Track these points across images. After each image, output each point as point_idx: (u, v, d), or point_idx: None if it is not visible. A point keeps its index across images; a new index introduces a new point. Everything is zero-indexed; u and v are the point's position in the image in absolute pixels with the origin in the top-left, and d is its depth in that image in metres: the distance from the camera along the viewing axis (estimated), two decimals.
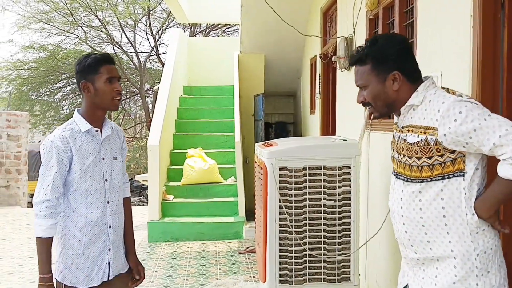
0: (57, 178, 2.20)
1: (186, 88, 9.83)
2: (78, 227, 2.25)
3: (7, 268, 5.59)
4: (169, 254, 6.05)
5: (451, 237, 1.70)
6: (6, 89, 18.00)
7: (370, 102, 1.85)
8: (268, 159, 3.10)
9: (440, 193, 1.70)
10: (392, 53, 1.78)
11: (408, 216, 1.78)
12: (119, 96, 2.31)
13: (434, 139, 1.68)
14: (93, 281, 2.29)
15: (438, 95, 1.73)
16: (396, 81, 1.79)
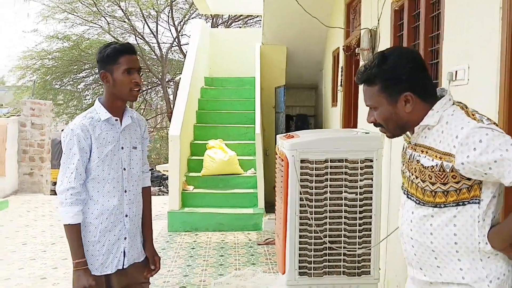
0: (79, 165, 2.22)
1: (208, 79, 9.85)
2: (95, 214, 2.27)
3: (30, 254, 5.71)
4: (189, 244, 6.09)
5: (462, 264, 1.63)
6: (31, 78, 18.29)
7: (381, 123, 1.74)
8: (290, 151, 3.08)
9: (453, 219, 1.62)
10: (404, 73, 1.65)
11: (418, 239, 1.70)
12: (137, 88, 2.29)
13: (450, 166, 1.58)
14: (108, 268, 2.30)
15: (456, 117, 1.61)
16: (408, 103, 1.66)
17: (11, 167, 9.74)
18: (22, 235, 6.62)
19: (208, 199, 7.13)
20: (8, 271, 5.06)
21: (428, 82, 1.70)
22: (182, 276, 4.90)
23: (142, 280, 2.44)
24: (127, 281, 2.36)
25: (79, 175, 2.23)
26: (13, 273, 5.02)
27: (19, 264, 5.30)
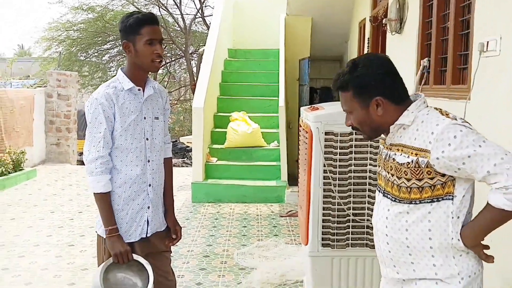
0: (107, 134, 2.24)
1: (231, 51, 9.78)
2: (118, 183, 2.29)
3: (58, 222, 5.86)
4: (212, 215, 6.16)
5: (435, 260, 1.67)
6: (56, 49, 18.46)
7: (357, 126, 1.80)
8: (314, 123, 3.05)
9: (428, 215, 1.66)
10: (372, 79, 1.70)
11: (393, 236, 1.73)
12: (158, 59, 2.28)
13: (425, 162, 1.63)
14: (131, 236, 2.34)
15: (431, 116, 1.67)
16: (379, 106, 1.71)
17: (38, 137, 9.94)
18: (50, 203, 6.80)
19: (231, 171, 7.17)
20: (37, 238, 5.21)
21: (399, 87, 1.75)
22: (206, 245, 4.98)
23: (164, 249, 2.47)
24: (149, 249, 2.40)
25: (107, 143, 2.25)
26: (42, 239, 5.17)
27: (48, 232, 5.45)
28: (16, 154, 8.24)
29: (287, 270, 4.21)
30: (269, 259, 4.55)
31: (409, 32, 4.54)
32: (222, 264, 4.47)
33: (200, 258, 4.60)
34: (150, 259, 2.39)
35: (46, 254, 4.71)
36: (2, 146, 8.29)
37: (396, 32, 4.84)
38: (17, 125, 8.93)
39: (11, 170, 7.92)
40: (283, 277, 4.11)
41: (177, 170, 10.08)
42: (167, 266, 2.49)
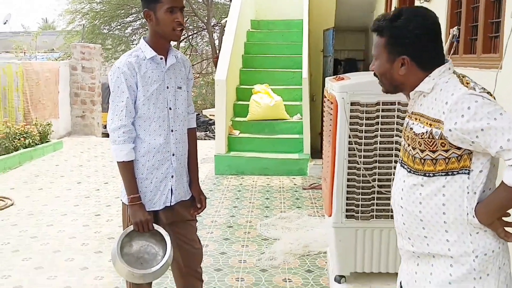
0: (129, 102, 2.24)
1: (254, 22, 9.66)
2: (141, 152, 2.30)
3: (84, 192, 5.98)
4: (235, 187, 6.20)
5: (449, 236, 1.61)
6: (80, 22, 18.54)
7: (377, 75, 1.74)
8: (340, 93, 3.00)
9: (442, 189, 1.59)
10: (408, 36, 1.62)
11: (407, 208, 1.68)
12: (179, 27, 2.25)
13: (439, 133, 1.55)
14: (155, 205, 2.36)
15: (449, 84, 1.58)
16: (403, 66, 1.64)
17: (64, 109, 10.09)
18: (76, 174, 6.93)
19: (254, 143, 7.17)
20: (65, 207, 5.33)
21: (434, 52, 1.65)
22: (229, 216, 5.02)
23: (189, 218, 2.49)
24: (174, 218, 2.42)
25: (129, 112, 2.25)
26: (69, 209, 5.29)
27: (75, 201, 5.57)
28: (43, 126, 8.39)
29: (310, 241, 4.22)
30: (292, 231, 4.58)
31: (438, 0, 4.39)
32: (245, 234, 4.51)
33: (224, 229, 4.65)
34: (176, 228, 2.42)
35: (74, 223, 4.82)
36: (28, 118, 8.45)
37: (425, 1, 4.69)
38: (43, 98, 9.06)
39: (38, 142, 8.08)
40: (306, 248, 4.12)
41: (199, 143, 10.10)
42: (193, 234, 2.51)
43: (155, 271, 2.25)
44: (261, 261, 3.90)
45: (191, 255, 2.47)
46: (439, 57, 1.67)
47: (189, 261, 2.48)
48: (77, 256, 4.00)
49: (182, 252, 2.44)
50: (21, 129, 7.74)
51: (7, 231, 4.57)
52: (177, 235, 2.43)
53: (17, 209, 5.26)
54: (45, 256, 4.00)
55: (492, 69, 3.06)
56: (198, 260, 2.53)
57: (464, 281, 1.59)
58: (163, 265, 2.26)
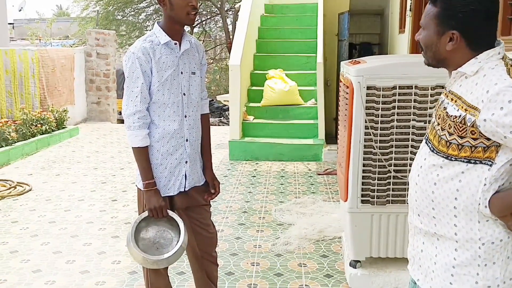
0: (144, 88, 2.24)
1: (268, 6, 9.58)
2: (156, 138, 2.30)
3: (101, 178, 6.03)
4: (250, 172, 6.21)
5: (457, 221, 1.59)
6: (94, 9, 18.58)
7: (422, 45, 1.66)
8: (355, 77, 2.96)
9: (460, 175, 1.56)
10: (462, 11, 1.53)
11: (421, 186, 1.66)
12: (194, 11, 2.24)
13: (472, 120, 1.49)
14: (170, 190, 2.37)
15: (495, 72, 1.49)
16: (452, 41, 1.55)
17: (79, 96, 10.16)
18: (92, 160, 7.00)
19: (268, 129, 7.16)
20: (82, 193, 5.39)
21: (487, 33, 1.56)
22: (244, 202, 5.03)
23: (203, 203, 2.50)
24: (189, 202, 2.43)
25: (144, 98, 2.25)
26: (86, 194, 5.35)
27: (91, 187, 5.63)
28: (59, 113, 8.46)
29: (325, 227, 4.22)
30: (307, 216, 4.57)
31: None
32: (260, 219, 4.53)
33: (239, 214, 4.67)
34: (191, 212, 2.44)
35: (91, 209, 4.88)
36: (45, 105, 8.52)
37: None
38: (58, 84, 9.13)
39: (55, 128, 8.16)
40: (321, 233, 4.12)
41: (214, 129, 10.12)
42: (208, 219, 2.52)
43: (168, 257, 2.26)
44: (276, 246, 3.92)
45: (206, 239, 2.49)
46: (491, 38, 1.58)
47: (204, 245, 2.50)
48: (95, 241, 4.06)
49: (197, 236, 2.46)
50: (37, 116, 7.82)
51: (26, 216, 4.65)
52: (192, 219, 2.44)
53: (35, 194, 5.34)
54: (64, 241, 4.06)
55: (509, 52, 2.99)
56: (213, 244, 2.55)
57: (467, 266, 1.59)
58: (177, 251, 2.27)
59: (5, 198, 5.17)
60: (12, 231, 4.28)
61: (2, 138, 6.83)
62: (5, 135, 6.86)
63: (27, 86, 8.25)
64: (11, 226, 4.40)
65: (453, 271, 1.61)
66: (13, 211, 4.81)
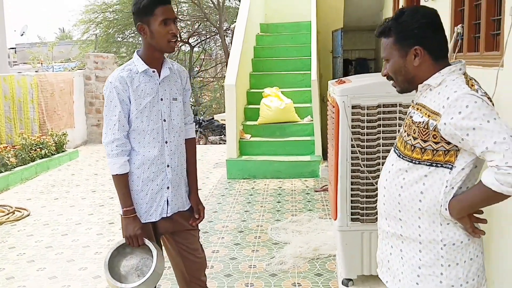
0: (122, 116, 2.27)
1: (263, 26, 9.69)
2: (136, 164, 2.33)
3: (99, 200, 6.06)
4: (247, 191, 6.22)
5: (421, 222, 1.71)
6: (94, 32, 18.81)
7: (391, 76, 1.81)
8: (340, 97, 3.00)
9: (424, 178, 1.69)
10: (416, 27, 1.71)
11: (389, 190, 1.79)
12: (174, 39, 2.27)
13: (434, 125, 1.65)
14: (152, 216, 2.38)
15: (455, 82, 1.66)
16: (417, 57, 1.73)
17: (79, 119, 10.24)
18: (91, 183, 7.04)
19: (265, 147, 7.19)
20: (79, 216, 5.42)
21: (441, 42, 1.75)
22: (240, 221, 5.04)
23: (189, 227, 2.50)
24: (174, 228, 2.45)
25: (122, 126, 2.28)
26: (84, 218, 5.37)
27: (89, 210, 5.65)
28: (58, 136, 8.53)
29: (320, 245, 4.22)
30: (303, 234, 4.58)
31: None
32: (256, 239, 4.53)
33: (235, 234, 4.68)
34: (177, 237, 2.45)
35: (88, 232, 4.90)
36: (44, 129, 8.59)
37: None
38: (58, 108, 9.21)
39: (54, 152, 8.21)
40: (316, 251, 4.12)
41: (214, 148, 10.21)
42: (195, 243, 2.52)
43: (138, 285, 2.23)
44: (271, 265, 3.92)
45: (194, 264, 2.50)
46: (446, 47, 1.77)
47: (193, 270, 2.50)
48: (90, 265, 4.07)
49: (185, 261, 2.47)
50: (37, 140, 7.89)
51: (23, 242, 4.67)
52: (179, 244, 2.46)
53: (33, 219, 5.37)
54: (60, 266, 4.08)
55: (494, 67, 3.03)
56: (202, 268, 2.55)
57: (432, 266, 1.69)
58: (146, 280, 2.24)
59: (3, 224, 5.21)
60: (9, 257, 4.30)
61: (1, 163, 6.89)
62: (4, 161, 6.92)
63: (26, 111, 8.33)
64: (8, 252, 4.42)
65: (419, 272, 1.72)
66: (11, 236, 4.83)
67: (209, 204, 5.52)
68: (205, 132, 14.81)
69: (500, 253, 2.73)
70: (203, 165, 8.00)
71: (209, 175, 7.24)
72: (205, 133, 14.77)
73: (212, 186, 6.49)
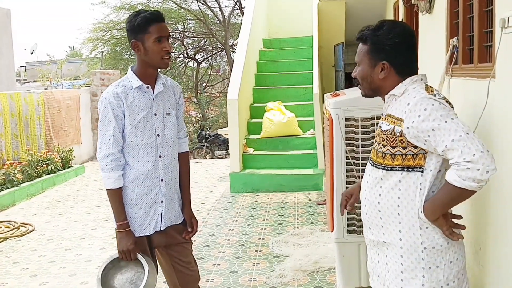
0: (116, 131, 2.31)
1: (266, 41, 9.79)
2: (130, 179, 2.36)
3: (103, 215, 6.11)
4: (250, 204, 6.24)
5: (401, 227, 1.77)
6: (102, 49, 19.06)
7: (358, 80, 1.92)
8: (334, 109, 3.04)
9: (398, 184, 1.76)
10: (388, 44, 1.82)
11: (369, 199, 1.87)
12: (168, 56, 2.32)
13: (399, 130, 1.74)
14: (146, 230, 2.42)
15: (415, 90, 1.77)
16: (383, 71, 1.84)
17: (86, 135, 10.34)
18: (96, 198, 7.09)
19: (268, 160, 7.22)
20: (83, 231, 5.46)
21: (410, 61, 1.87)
22: (242, 234, 5.06)
23: (182, 241, 2.53)
24: (167, 241, 2.48)
25: (117, 141, 2.32)
26: (87, 232, 5.41)
27: (93, 225, 5.70)
28: (64, 152, 8.62)
29: (320, 257, 4.22)
30: (304, 247, 4.58)
31: (438, 11, 4.40)
32: (257, 252, 4.54)
33: (236, 247, 4.69)
34: (170, 251, 2.48)
35: (91, 247, 4.94)
36: (51, 145, 8.69)
37: (426, 12, 4.70)
38: (64, 124, 9.32)
39: (60, 168, 8.29)
40: (316, 264, 4.13)
41: (219, 162, 10.25)
42: (188, 257, 2.54)
43: None
44: (271, 278, 3.92)
45: (187, 277, 2.52)
46: (413, 65, 1.89)
47: (186, 283, 2.52)
48: (92, 279, 4.09)
49: (178, 274, 2.49)
50: (43, 156, 7.97)
51: (27, 257, 4.72)
52: (172, 258, 2.48)
53: (37, 234, 5.42)
54: (62, 280, 4.11)
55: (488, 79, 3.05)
56: (195, 281, 2.57)
57: (413, 270, 1.75)
58: None
59: (8, 239, 5.26)
60: (12, 272, 4.35)
61: (8, 179, 6.97)
62: (10, 177, 7.00)
63: (33, 128, 8.44)
64: (11, 267, 4.47)
65: (402, 276, 1.78)
66: (15, 251, 4.88)
67: (211, 217, 5.55)
68: (212, 146, 14.86)
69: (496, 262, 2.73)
70: (207, 179, 8.04)
71: (212, 189, 7.27)
72: (211, 148, 14.82)
73: (215, 200, 6.52)
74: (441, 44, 4.27)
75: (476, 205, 2.77)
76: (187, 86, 20.06)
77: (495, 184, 2.39)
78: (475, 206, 2.78)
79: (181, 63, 20.01)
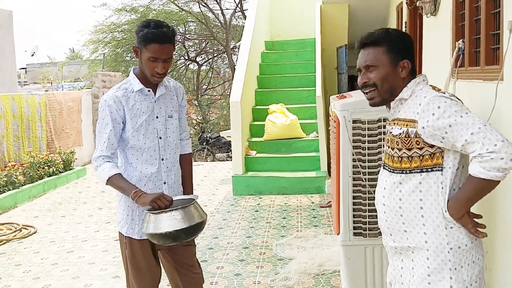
0: (111, 135, 2.30)
1: (268, 43, 9.78)
2: (133, 181, 2.34)
3: (105, 217, 6.09)
4: (253, 207, 6.22)
5: (426, 229, 1.75)
6: (103, 51, 19.06)
7: (376, 83, 1.86)
8: (341, 112, 3.02)
9: (419, 186, 1.75)
10: (407, 43, 1.87)
11: (388, 205, 1.83)
12: (157, 76, 2.29)
13: (414, 132, 1.73)
14: None
15: (423, 90, 1.79)
16: (404, 70, 1.84)
17: (87, 137, 10.33)
18: (98, 200, 7.07)
19: (271, 163, 7.20)
20: (85, 234, 5.44)
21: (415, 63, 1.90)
22: (246, 237, 5.04)
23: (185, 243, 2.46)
24: None
25: (111, 144, 2.31)
26: (90, 235, 5.39)
27: (95, 227, 5.68)
28: (66, 154, 8.60)
29: (324, 260, 4.20)
30: (307, 250, 4.56)
31: (443, 13, 4.39)
32: (261, 255, 4.52)
33: (240, 250, 4.67)
34: (173, 253, 2.46)
35: (93, 249, 4.91)
36: (52, 147, 8.67)
37: (431, 15, 4.69)
38: (66, 126, 9.30)
39: (62, 170, 8.28)
40: (321, 267, 4.10)
41: (221, 165, 10.23)
42: (191, 259, 2.53)
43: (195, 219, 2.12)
44: (275, 281, 3.90)
45: (190, 279, 2.50)
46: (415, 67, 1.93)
47: (189, 286, 2.50)
48: (95, 282, 4.08)
49: (182, 277, 2.48)
50: (45, 158, 7.96)
51: (29, 259, 4.69)
52: (175, 261, 2.47)
53: (39, 236, 5.40)
54: (65, 282, 4.09)
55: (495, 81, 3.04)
56: (199, 284, 2.55)
57: (441, 272, 1.73)
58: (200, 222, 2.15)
59: (10, 241, 5.24)
60: (15, 274, 4.32)
61: (10, 181, 6.95)
62: (12, 179, 6.98)
63: (34, 130, 8.42)
64: (14, 269, 4.45)
65: (429, 279, 1.75)
66: (17, 254, 4.86)
67: (214, 220, 5.53)
68: (213, 149, 14.84)
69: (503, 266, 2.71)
70: (209, 182, 8.02)
71: (215, 192, 7.25)
72: (212, 150, 14.80)
73: (218, 203, 6.50)
74: (446, 46, 4.26)
75: (482, 208, 2.75)
76: (188, 88, 20.05)
77: (502, 188, 2.37)
78: (482, 209, 2.77)
79: (182, 65, 20.00)
